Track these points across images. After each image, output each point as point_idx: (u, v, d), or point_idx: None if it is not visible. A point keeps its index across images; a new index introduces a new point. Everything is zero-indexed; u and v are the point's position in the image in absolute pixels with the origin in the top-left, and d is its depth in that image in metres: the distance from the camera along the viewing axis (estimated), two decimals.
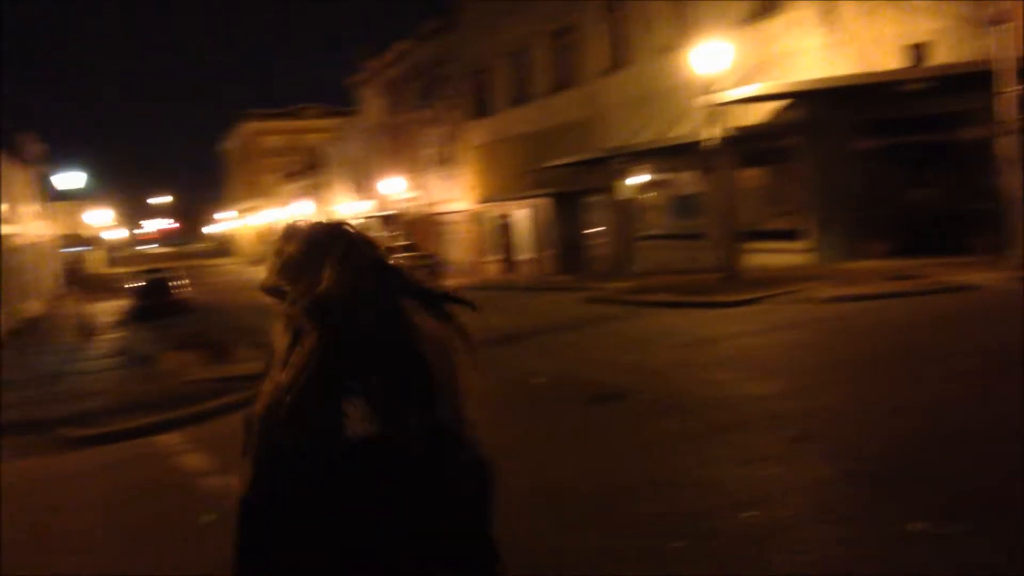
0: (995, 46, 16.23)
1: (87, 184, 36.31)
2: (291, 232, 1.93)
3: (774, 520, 5.40)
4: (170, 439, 10.46)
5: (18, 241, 35.85)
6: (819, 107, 20.99)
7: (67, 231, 47.28)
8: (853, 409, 7.89)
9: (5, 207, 33.23)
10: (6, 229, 32.81)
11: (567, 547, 5.40)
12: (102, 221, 69.39)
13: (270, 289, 1.79)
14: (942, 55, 18.92)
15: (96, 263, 73.01)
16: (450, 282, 35.61)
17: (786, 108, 21.84)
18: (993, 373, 8.80)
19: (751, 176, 24.22)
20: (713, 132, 20.41)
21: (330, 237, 1.86)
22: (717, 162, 20.51)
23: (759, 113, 22.73)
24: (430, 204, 46.17)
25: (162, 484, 8.46)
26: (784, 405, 8.24)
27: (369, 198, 55.42)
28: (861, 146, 21.37)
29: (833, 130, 21.09)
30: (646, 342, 13.60)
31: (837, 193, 21.30)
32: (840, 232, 21.36)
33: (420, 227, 47.62)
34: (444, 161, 43.89)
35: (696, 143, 22.62)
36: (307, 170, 71.48)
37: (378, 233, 53.17)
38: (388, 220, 51.13)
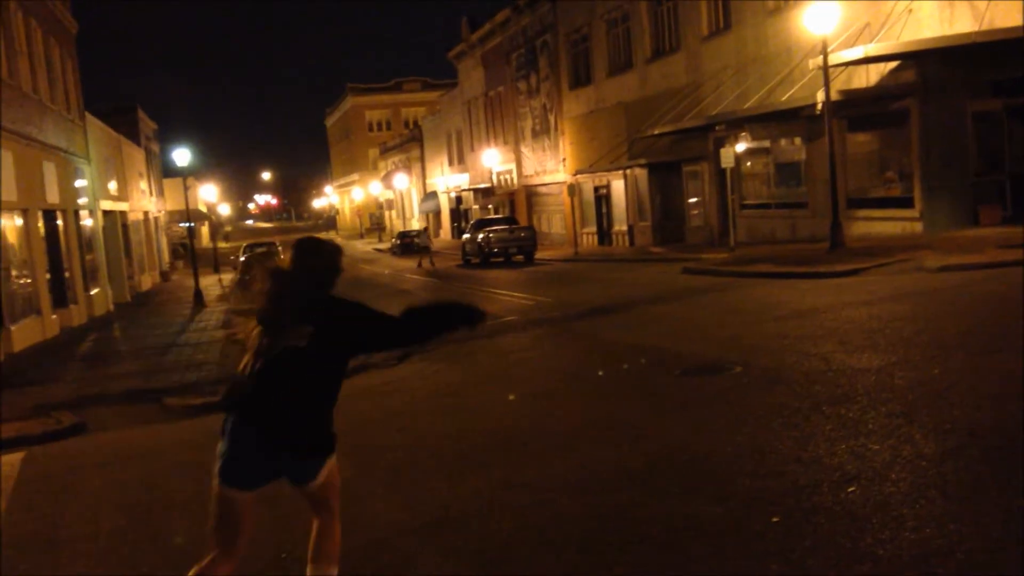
0: None
1: (196, 161, 37.60)
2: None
3: (877, 496, 5.19)
4: None
5: (131, 217, 37.38)
6: (933, 67, 20.02)
7: (177, 207, 49.09)
8: (963, 383, 7.52)
9: (119, 184, 34.66)
10: (120, 205, 34.24)
11: (662, 517, 5.31)
12: (210, 197, 71.85)
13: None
14: None
15: (205, 238, 75.71)
16: (546, 254, 35.58)
17: (896, 69, 20.91)
18: None
19: (858, 141, 23.36)
20: (820, 96, 19.69)
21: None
22: (823, 127, 19.80)
23: (868, 75, 21.85)
24: (527, 176, 46.11)
25: None
26: (890, 379, 7.92)
27: (465, 171, 55.72)
28: (977, 108, 20.34)
29: (947, 92, 20.11)
30: (745, 313, 13.29)
31: (950, 158, 20.35)
32: (952, 199, 20.42)
33: (516, 199, 47.65)
34: (541, 132, 43.71)
35: (801, 108, 21.90)
36: (405, 144, 72.26)
37: (473, 206, 53.49)
38: (484, 193, 51.32)
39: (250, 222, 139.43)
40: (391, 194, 75.52)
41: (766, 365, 9.25)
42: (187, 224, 33.96)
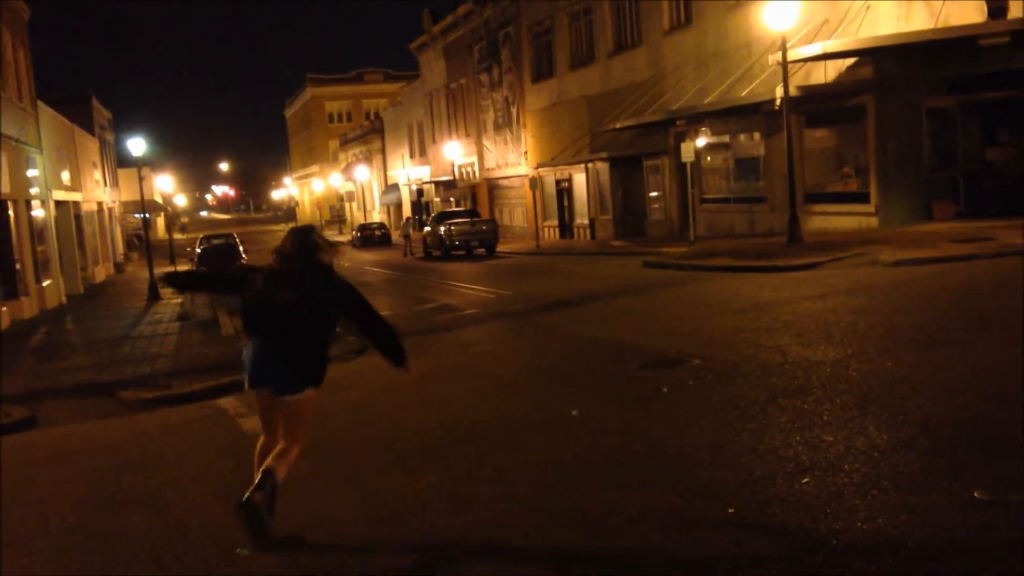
0: None
1: (152, 151, 36.99)
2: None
3: (831, 487, 5.26)
4: (230, 402, 10.61)
5: (85, 207, 36.73)
6: (889, 64, 20.30)
7: (132, 197, 48.31)
8: (916, 376, 7.64)
9: (72, 174, 34.02)
10: (74, 196, 33.63)
11: (622, 510, 5.33)
12: (166, 188, 70.83)
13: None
14: (1020, 9, 18.11)
15: (161, 229, 74.65)
16: (508, 247, 35.58)
17: (854, 66, 21.18)
18: None
19: (816, 137, 23.63)
20: (779, 92, 19.86)
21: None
22: (782, 123, 19.99)
23: (826, 72, 22.10)
24: (488, 169, 46.05)
25: (222, 446, 8.58)
26: (845, 371, 8.02)
27: (427, 163, 55.50)
28: (932, 104, 20.66)
29: (903, 88, 20.40)
30: (704, 307, 13.39)
31: (905, 154, 20.66)
32: (907, 194, 20.75)
33: (478, 192, 47.59)
34: (503, 125, 43.66)
35: (761, 103, 22.09)
36: (366, 135, 71.78)
37: (434, 199, 53.36)
38: (446, 185, 51.17)
39: (204, 213, 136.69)
40: (352, 186, 75.02)
41: (724, 358, 9.32)
42: (142, 215, 33.38)
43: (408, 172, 59.78)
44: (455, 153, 47.92)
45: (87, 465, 8.40)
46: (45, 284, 26.25)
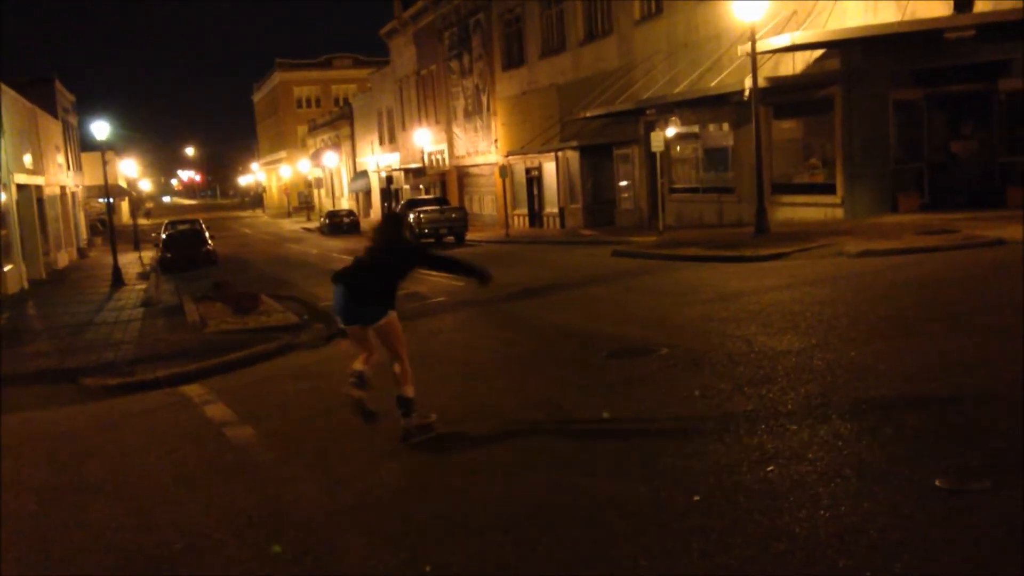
0: None
1: (117, 135, 36.44)
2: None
3: (794, 475, 5.31)
4: (194, 390, 10.50)
5: (48, 192, 36.15)
6: (857, 57, 20.47)
7: (96, 182, 47.62)
8: (880, 366, 7.73)
9: (34, 158, 33.45)
10: (36, 179, 33.07)
11: (587, 497, 5.35)
12: (131, 172, 69.92)
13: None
14: (985, 2, 18.34)
15: (125, 214, 73.71)
16: (477, 235, 35.51)
17: (822, 58, 21.33)
18: (1021, 331, 8.61)
19: (784, 128, 23.79)
20: (748, 82, 19.96)
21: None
22: (751, 113, 20.10)
23: (795, 63, 22.24)
24: (458, 156, 45.90)
25: (187, 433, 8.50)
26: (810, 360, 8.10)
27: (396, 150, 55.22)
28: (899, 97, 20.88)
29: (870, 80, 20.59)
30: (672, 296, 13.45)
31: (871, 145, 20.87)
32: (873, 186, 20.97)
33: (448, 180, 47.43)
34: (474, 113, 43.52)
35: (730, 94, 22.19)
36: (335, 121, 71.24)
37: (404, 186, 53.13)
38: (416, 172, 50.95)
39: (167, 199, 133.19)
40: (320, 172, 74.47)
41: (692, 347, 9.37)
42: (106, 200, 32.92)
43: (377, 159, 59.43)
44: (425, 140, 47.69)
45: (48, 452, 8.29)
46: (6, 269, 25.81)
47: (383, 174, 58.31)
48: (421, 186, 50.27)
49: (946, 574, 4.05)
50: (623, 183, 31.86)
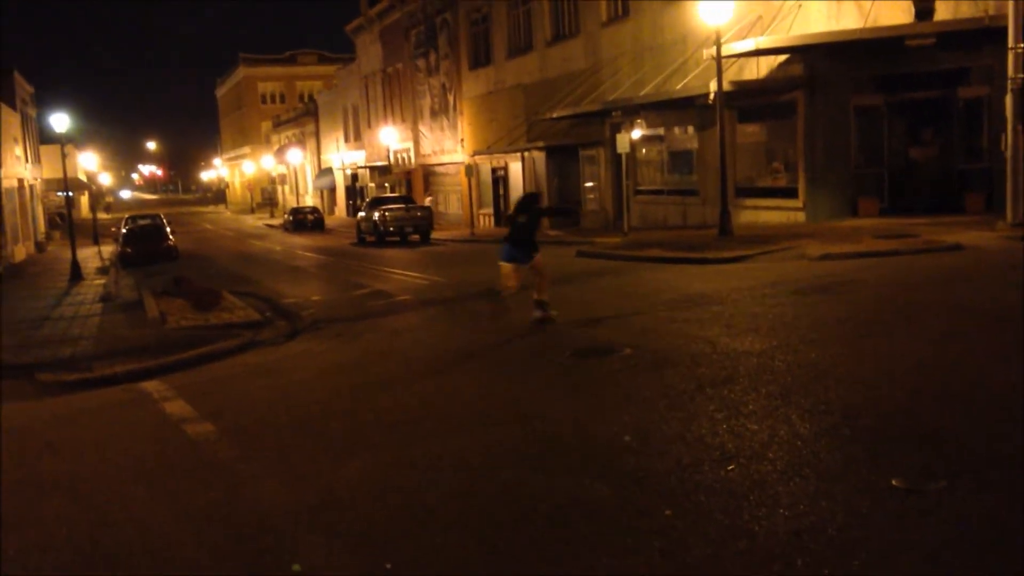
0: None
1: (77, 128, 35.83)
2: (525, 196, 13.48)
3: (754, 475, 5.36)
4: (154, 386, 10.37)
5: (5, 184, 35.49)
6: (820, 62, 20.73)
7: (55, 175, 46.83)
8: (839, 368, 7.84)
9: None
10: None
11: (550, 496, 5.35)
12: (91, 166, 68.83)
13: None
14: (946, 11, 18.65)
15: (84, 208, 72.58)
16: (443, 234, 35.44)
17: (785, 63, 21.57)
18: (981, 333, 8.77)
19: (748, 132, 24.02)
20: (713, 86, 20.11)
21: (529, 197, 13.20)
22: (715, 117, 20.26)
23: (759, 68, 22.47)
24: (424, 155, 45.77)
25: (146, 430, 8.39)
26: (771, 362, 8.18)
27: (362, 148, 54.93)
28: (860, 102, 21.17)
29: (833, 86, 20.86)
30: (636, 297, 13.52)
31: (833, 150, 21.14)
32: (834, 190, 21.24)
33: (414, 178, 47.28)
34: (440, 112, 43.41)
35: (695, 97, 22.34)
36: (300, 117, 70.70)
37: (369, 184, 52.90)
38: (381, 171, 50.73)
39: (125, 195, 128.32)
40: (284, 169, 73.86)
41: (655, 347, 9.43)
42: (65, 193, 32.35)
43: (343, 156, 59.08)
44: (391, 138, 47.51)
45: (2, 448, 8.13)
46: None
47: (348, 172, 57.99)
48: (387, 184, 50.07)
49: (903, 572, 4.11)
50: (589, 184, 31.95)
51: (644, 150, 28.73)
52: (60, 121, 28.67)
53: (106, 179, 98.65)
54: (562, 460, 6.12)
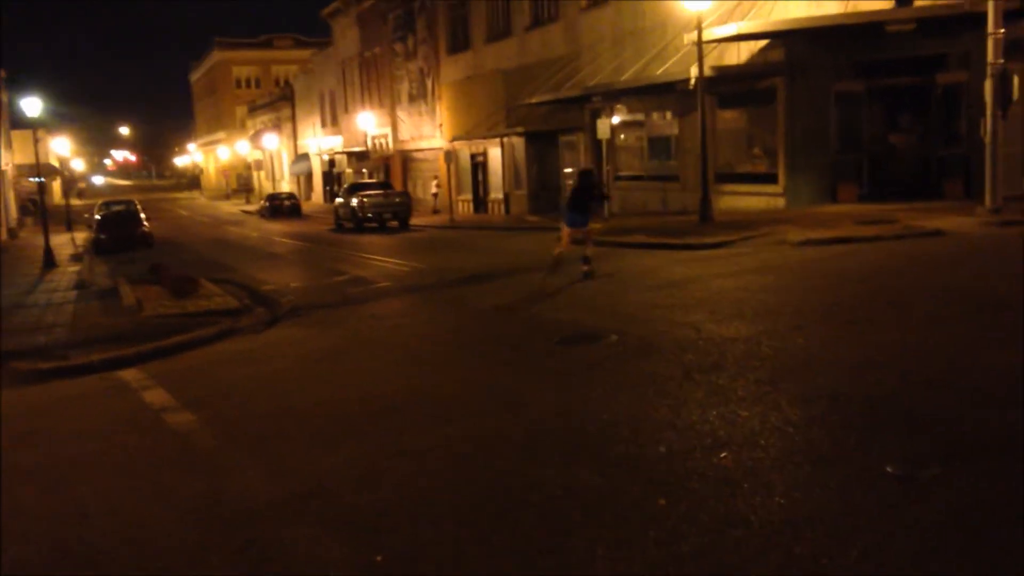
0: None
1: (49, 112, 35.24)
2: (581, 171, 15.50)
3: (747, 462, 5.31)
4: (132, 374, 10.20)
5: None
6: (800, 48, 20.71)
7: (27, 160, 46.14)
8: (826, 353, 7.82)
9: None
10: None
11: (541, 485, 5.28)
12: (63, 151, 67.89)
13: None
14: None
15: (57, 194, 71.62)
16: (422, 220, 35.25)
17: (766, 48, 21.53)
18: (966, 318, 8.78)
19: (728, 118, 23.99)
20: (693, 71, 20.05)
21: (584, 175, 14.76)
22: (696, 102, 20.20)
23: (740, 53, 22.41)
24: (403, 141, 45.47)
25: (124, 419, 8.24)
26: (758, 347, 8.15)
27: (339, 133, 54.50)
28: (840, 88, 21.18)
29: (813, 72, 20.85)
30: (620, 283, 13.47)
31: (813, 136, 21.16)
32: (814, 176, 21.27)
33: (392, 164, 46.98)
34: (418, 97, 43.10)
35: (675, 83, 22.29)
36: (276, 102, 70.02)
37: (346, 169, 52.55)
38: (359, 156, 50.36)
39: (98, 181, 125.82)
40: (260, 154, 73.19)
41: (641, 334, 9.37)
42: (37, 179, 31.86)
43: (320, 142, 58.59)
44: (368, 124, 47.14)
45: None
46: None
47: (325, 157, 57.54)
48: (365, 170, 49.72)
49: (900, 559, 4.07)
50: (568, 170, 31.84)
51: (624, 136, 28.65)
52: (32, 106, 28.17)
53: (79, 165, 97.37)
54: (553, 449, 6.04)
